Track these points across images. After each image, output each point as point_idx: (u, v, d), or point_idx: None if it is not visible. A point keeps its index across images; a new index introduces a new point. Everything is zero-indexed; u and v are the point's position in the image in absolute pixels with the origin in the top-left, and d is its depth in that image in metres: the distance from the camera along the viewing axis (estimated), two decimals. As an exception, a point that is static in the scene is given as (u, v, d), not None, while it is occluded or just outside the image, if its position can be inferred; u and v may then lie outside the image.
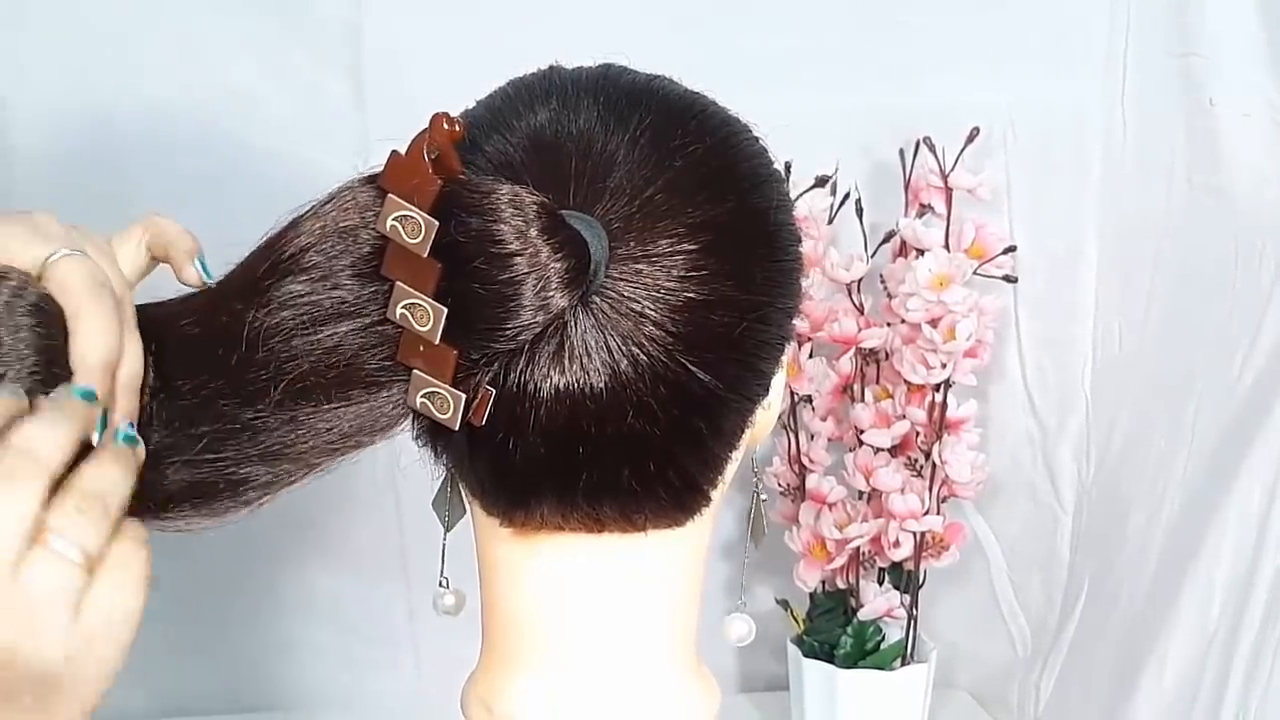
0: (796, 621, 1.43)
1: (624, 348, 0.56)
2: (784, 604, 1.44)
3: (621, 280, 0.56)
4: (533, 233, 0.55)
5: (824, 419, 1.38)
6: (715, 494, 0.63)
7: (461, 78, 0.63)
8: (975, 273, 1.34)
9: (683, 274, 0.56)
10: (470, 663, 0.67)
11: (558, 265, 0.54)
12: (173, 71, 1.30)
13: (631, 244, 0.57)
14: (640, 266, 0.56)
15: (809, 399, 1.39)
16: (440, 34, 1.31)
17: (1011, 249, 1.36)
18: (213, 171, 1.32)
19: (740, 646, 0.72)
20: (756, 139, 0.63)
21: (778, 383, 0.63)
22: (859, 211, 1.37)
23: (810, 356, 1.38)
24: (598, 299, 0.56)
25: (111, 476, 0.52)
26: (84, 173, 1.32)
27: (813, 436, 1.39)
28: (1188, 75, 1.25)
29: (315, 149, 1.32)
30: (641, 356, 0.56)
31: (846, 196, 1.36)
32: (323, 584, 1.47)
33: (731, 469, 0.63)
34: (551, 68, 0.63)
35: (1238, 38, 1.20)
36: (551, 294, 0.55)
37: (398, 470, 1.38)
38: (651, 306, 0.56)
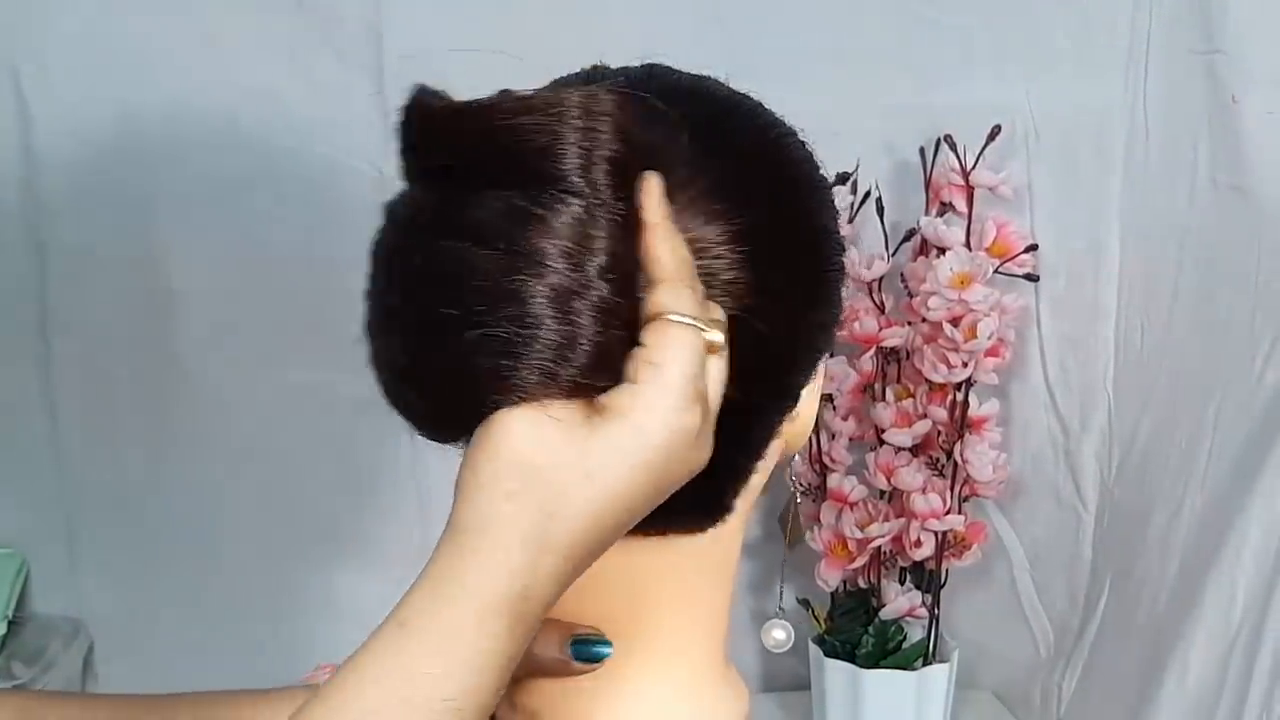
0: (818, 621, 1.43)
1: None
2: (805, 603, 1.44)
3: None
4: None
5: (845, 418, 1.38)
6: (740, 502, 0.62)
7: (483, 78, 0.63)
8: (997, 271, 1.33)
9: (723, 282, 0.56)
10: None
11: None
12: (194, 72, 1.31)
13: None
14: None
15: (830, 398, 1.38)
16: (462, 34, 1.31)
17: (1033, 247, 1.36)
18: (235, 172, 1.32)
19: (776, 652, 0.71)
20: (804, 144, 0.63)
21: (809, 393, 0.63)
22: (880, 210, 1.37)
23: (831, 356, 1.38)
24: None
25: None
26: (107, 174, 1.32)
27: (834, 436, 1.38)
28: (1211, 73, 1.24)
29: (337, 149, 1.32)
30: None
31: (867, 195, 1.36)
32: (343, 581, 1.47)
33: (758, 478, 0.63)
34: (595, 67, 0.63)
35: (1261, 35, 1.20)
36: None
37: (419, 466, 1.38)
38: None
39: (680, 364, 0.51)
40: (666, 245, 0.53)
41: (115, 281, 1.36)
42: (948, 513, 1.35)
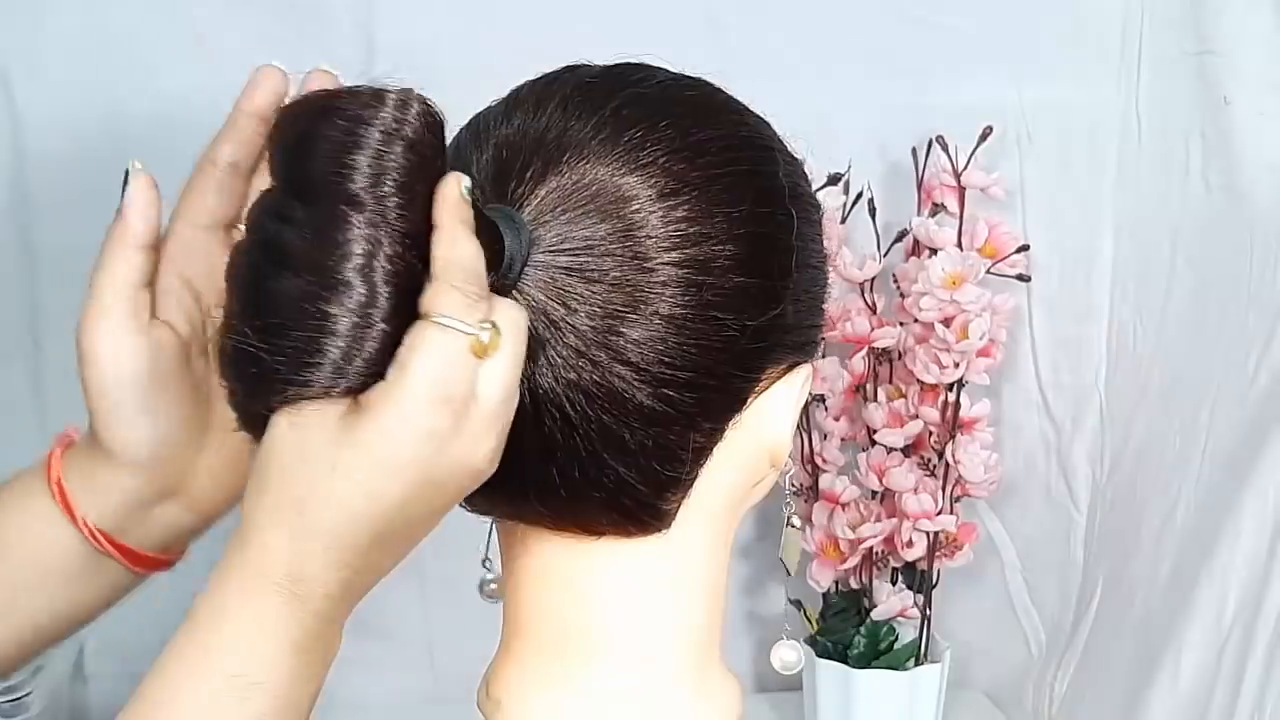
0: (810, 622, 1.43)
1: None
2: (797, 604, 1.44)
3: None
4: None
5: (837, 419, 1.38)
6: (694, 510, 0.61)
7: (473, 80, 0.63)
8: (989, 272, 1.33)
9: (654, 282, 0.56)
10: (486, 661, 0.67)
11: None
12: (185, 72, 1.30)
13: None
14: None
15: (822, 399, 1.38)
16: (452, 35, 1.31)
17: (1025, 248, 1.36)
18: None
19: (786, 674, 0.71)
20: (774, 151, 0.62)
21: (778, 402, 0.62)
22: (872, 210, 1.37)
23: (823, 356, 1.38)
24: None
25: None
26: (97, 174, 1.31)
27: (826, 436, 1.39)
28: (1203, 74, 1.24)
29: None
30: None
31: (859, 195, 1.36)
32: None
33: (708, 485, 0.61)
34: (571, 66, 0.63)
35: (1254, 35, 1.20)
36: None
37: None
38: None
39: (424, 365, 0.51)
40: (443, 246, 0.53)
41: (106, 282, 1.35)
42: (939, 513, 1.35)
